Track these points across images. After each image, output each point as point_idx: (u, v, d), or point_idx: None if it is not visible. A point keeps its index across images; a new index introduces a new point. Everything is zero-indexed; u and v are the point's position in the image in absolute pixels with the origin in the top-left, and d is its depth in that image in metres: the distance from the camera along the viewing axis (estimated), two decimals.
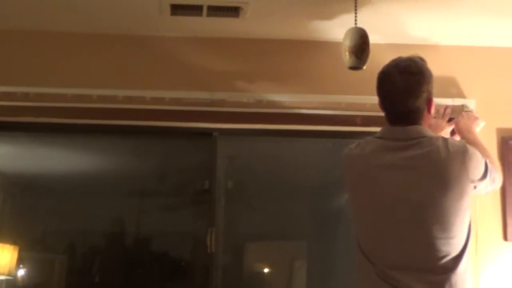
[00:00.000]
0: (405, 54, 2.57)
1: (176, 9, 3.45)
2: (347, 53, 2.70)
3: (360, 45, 2.70)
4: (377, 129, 2.62)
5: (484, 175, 2.59)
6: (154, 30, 3.67)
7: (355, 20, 2.75)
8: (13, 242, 3.75)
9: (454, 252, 2.44)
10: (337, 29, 3.10)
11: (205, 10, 3.44)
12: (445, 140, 2.54)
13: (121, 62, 3.69)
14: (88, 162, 3.90)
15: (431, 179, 2.47)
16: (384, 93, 2.57)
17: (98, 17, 3.55)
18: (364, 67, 2.70)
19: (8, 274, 3.74)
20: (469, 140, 2.90)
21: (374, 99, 2.59)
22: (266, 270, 3.97)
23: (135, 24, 3.61)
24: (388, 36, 3.59)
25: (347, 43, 2.72)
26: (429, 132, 2.56)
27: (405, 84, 2.52)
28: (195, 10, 3.45)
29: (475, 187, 2.57)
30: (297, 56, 3.65)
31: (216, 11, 3.46)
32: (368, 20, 2.94)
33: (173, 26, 3.63)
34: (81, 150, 3.89)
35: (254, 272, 3.95)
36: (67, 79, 3.64)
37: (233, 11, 3.46)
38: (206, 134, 3.72)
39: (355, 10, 2.75)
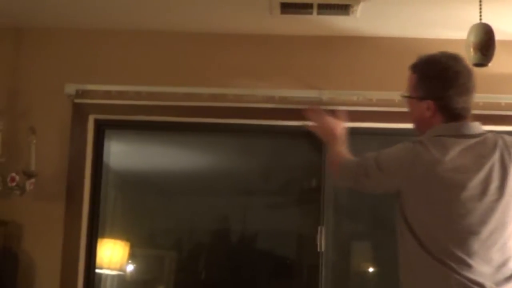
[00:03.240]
0: None
1: (286, 8, 3.45)
2: (471, 50, 2.65)
3: (486, 41, 2.64)
4: None
5: None
6: (264, 28, 3.69)
7: (480, 15, 2.70)
8: (125, 238, 3.83)
9: None
10: (456, 26, 3.05)
11: (315, 8, 3.44)
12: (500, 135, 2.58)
13: (232, 61, 3.73)
14: (196, 160, 3.95)
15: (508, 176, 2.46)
16: (459, 89, 2.52)
17: (208, 17, 3.59)
18: (490, 64, 2.65)
19: (120, 270, 3.84)
20: None
21: None
22: (374, 269, 3.94)
23: (246, 23, 3.64)
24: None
25: (472, 39, 2.66)
26: None
27: (473, 82, 2.55)
28: (305, 8, 3.45)
29: None
30: (411, 54, 3.59)
31: (326, 9, 3.45)
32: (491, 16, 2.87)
33: (283, 25, 3.64)
34: (190, 148, 3.94)
35: (363, 271, 3.92)
36: (178, 78, 3.70)
37: (343, 9, 3.44)
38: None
39: (480, 5, 2.69)
